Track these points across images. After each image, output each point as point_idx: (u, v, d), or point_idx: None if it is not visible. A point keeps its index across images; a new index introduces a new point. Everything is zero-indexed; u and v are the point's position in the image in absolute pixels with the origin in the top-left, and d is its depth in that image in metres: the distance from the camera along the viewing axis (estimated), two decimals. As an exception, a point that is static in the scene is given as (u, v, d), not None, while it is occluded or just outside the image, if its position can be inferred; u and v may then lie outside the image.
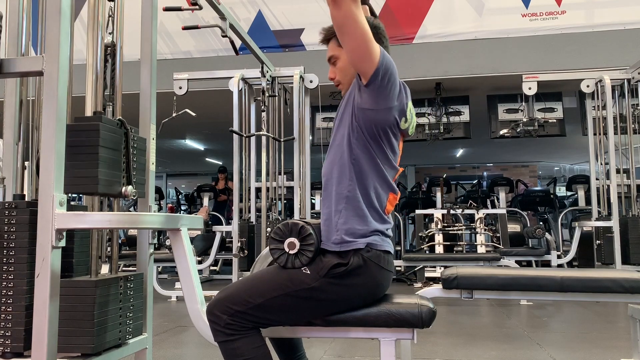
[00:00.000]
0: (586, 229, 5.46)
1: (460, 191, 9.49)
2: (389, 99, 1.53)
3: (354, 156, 1.56)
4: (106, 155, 1.53)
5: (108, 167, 1.54)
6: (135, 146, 1.71)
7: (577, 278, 1.73)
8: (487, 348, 3.08)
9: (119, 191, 1.60)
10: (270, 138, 4.81)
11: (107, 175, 1.54)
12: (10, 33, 1.74)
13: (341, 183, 1.56)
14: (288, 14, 6.18)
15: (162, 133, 4.15)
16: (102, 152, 1.51)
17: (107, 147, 1.54)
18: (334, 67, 1.67)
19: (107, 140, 1.54)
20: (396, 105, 1.55)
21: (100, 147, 1.50)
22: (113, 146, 1.57)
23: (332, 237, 1.53)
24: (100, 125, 1.50)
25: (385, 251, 1.54)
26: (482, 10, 5.85)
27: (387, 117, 1.54)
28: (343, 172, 1.57)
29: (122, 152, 1.61)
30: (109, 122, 1.57)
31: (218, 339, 1.49)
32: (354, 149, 1.56)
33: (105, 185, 1.52)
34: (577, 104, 6.40)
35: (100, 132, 1.50)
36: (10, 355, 1.47)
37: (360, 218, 1.53)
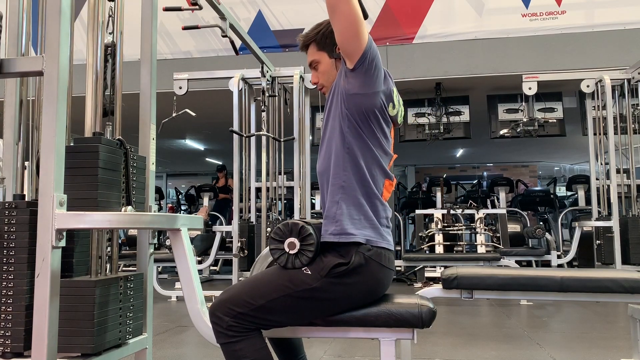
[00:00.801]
0: (586, 229, 5.46)
1: (460, 191, 9.49)
2: (376, 83, 1.55)
3: (347, 144, 1.57)
4: (105, 176, 1.55)
5: (107, 188, 1.56)
6: (135, 165, 1.73)
7: (577, 278, 1.73)
8: (487, 348, 3.08)
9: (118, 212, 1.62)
10: (270, 138, 4.81)
11: (107, 196, 1.56)
12: (10, 33, 1.74)
13: (336, 175, 1.57)
14: (288, 14, 6.18)
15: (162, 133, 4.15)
16: (102, 174, 1.53)
17: (107, 169, 1.56)
18: (316, 71, 1.69)
19: (107, 161, 1.56)
20: (383, 89, 1.58)
21: (99, 168, 1.52)
22: (112, 167, 1.59)
23: (330, 229, 1.53)
24: (99, 146, 1.51)
25: (385, 248, 1.55)
26: (482, 10, 5.85)
27: (375, 101, 1.56)
28: (337, 163, 1.58)
29: (121, 172, 1.63)
30: (109, 142, 1.59)
31: (220, 340, 1.49)
32: (347, 137, 1.57)
33: (104, 207, 1.54)
34: (577, 104, 6.40)
35: (100, 154, 1.52)
36: (10, 355, 1.47)
37: (358, 207, 1.54)
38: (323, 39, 1.64)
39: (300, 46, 1.71)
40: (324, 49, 1.65)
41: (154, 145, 1.88)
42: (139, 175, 1.75)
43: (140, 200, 1.76)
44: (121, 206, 1.63)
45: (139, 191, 1.76)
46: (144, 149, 1.85)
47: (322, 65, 1.67)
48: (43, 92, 1.41)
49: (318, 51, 1.66)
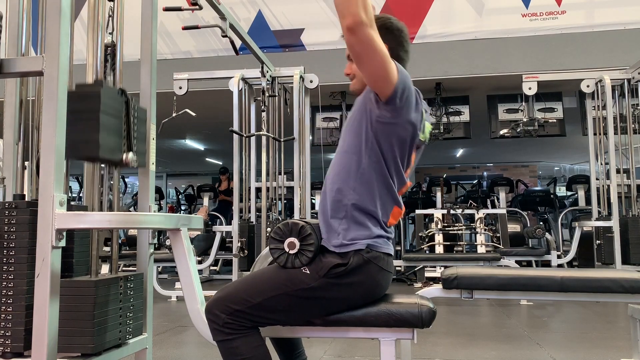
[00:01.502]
0: (586, 229, 5.46)
1: (460, 191, 9.49)
2: (408, 112, 1.52)
3: (362, 166, 1.53)
4: (107, 121, 1.50)
5: (109, 133, 1.51)
6: (136, 115, 1.67)
7: (577, 278, 1.73)
8: (487, 348, 3.08)
9: (120, 158, 1.57)
10: (270, 138, 4.81)
11: (108, 141, 1.50)
12: (10, 33, 1.74)
13: (344, 191, 1.54)
14: (288, 14, 6.18)
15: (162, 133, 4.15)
16: (103, 118, 1.48)
17: (108, 114, 1.51)
18: (352, 63, 1.64)
19: (108, 106, 1.51)
20: (414, 115, 1.55)
21: (101, 112, 1.47)
22: (114, 113, 1.54)
23: (332, 240, 1.52)
24: (101, 90, 1.47)
25: (385, 253, 1.54)
26: (482, 10, 5.85)
27: (405, 129, 1.53)
28: (347, 181, 1.54)
29: (122, 120, 1.58)
30: (110, 89, 1.54)
31: (217, 337, 1.49)
32: (364, 159, 1.53)
33: (106, 150, 1.48)
34: (577, 104, 6.40)
35: (102, 98, 1.47)
36: (10, 355, 1.47)
37: (362, 227, 1.52)
38: None
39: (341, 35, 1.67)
40: None
41: (154, 145, 1.88)
42: (140, 125, 1.70)
43: (141, 151, 1.71)
44: (123, 153, 1.59)
45: (140, 142, 1.71)
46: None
47: None
48: (43, 92, 1.41)
49: None
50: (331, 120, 6.74)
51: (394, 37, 1.62)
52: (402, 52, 1.64)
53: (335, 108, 6.71)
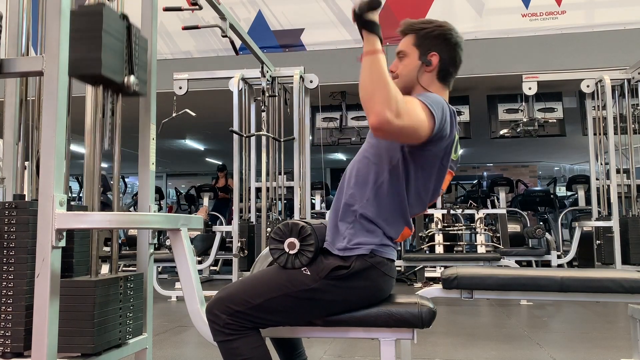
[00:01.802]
0: (586, 229, 5.46)
1: (460, 191, 9.49)
2: (444, 141, 1.49)
3: (381, 181, 1.51)
4: (109, 41, 1.48)
5: (111, 53, 1.49)
6: (138, 42, 1.65)
7: (577, 278, 1.73)
8: (487, 348, 3.08)
9: (121, 80, 1.55)
10: (270, 138, 4.81)
11: (111, 60, 1.49)
12: (10, 33, 1.74)
13: (357, 200, 1.53)
14: (288, 14, 6.18)
15: (162, 133, 4.15)
16: (105, 38, 1.46)
17: (110, 34, 1.49)
18: (399, 62, 1.60)
19: (110, 26, 1.49)
20: (447, 142, 1.50)
21: (103, 31, 1.45)
22: (116, 35, 1.52)
23: (337, 243, 1.51)
24: (103, 9, 1.46)
25: (388, 258, 1.53)
26: (482, 10, 5.86)
27: (437, 155, 1.50)
28: (363, 189, 1.52)
29: (124, 44, 1.57)
30: (112, 11, 1.53)
31: (217, 338, 1.49)
32: (384, 175, 1.51)
33: (108, 69, 1.47)
34: (577, 104, 6.40)
35: (104, 17, 1.45)
36: (10, 355, 1.47)
37: (370, 234, 1.50)
38: (424, 38, 1.57)
39: (400, 29, 1.62)
40: (419, 46, 1.57)
41: (154, 145, 1.88)
42: (141, 53, 1.68)
43: (142, 78, 1.69)
44: (124, 76, 1.57)
45: (141, 69, 1.69)
46: (144, 149, 1.85)
47: (408, 60, 1.58)
48: (43, 92, 1.41)
49: (412, 45, 1.58)
50: (331, 120, 6.73)
51: (448, 50, 1.58)
52: (451, 66, 1.59)
53: (335, 108, 6.71)
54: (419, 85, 1.57)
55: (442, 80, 1.60)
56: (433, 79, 1.59)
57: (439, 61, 1.57)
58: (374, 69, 1.32)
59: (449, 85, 1.63)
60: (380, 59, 1.34)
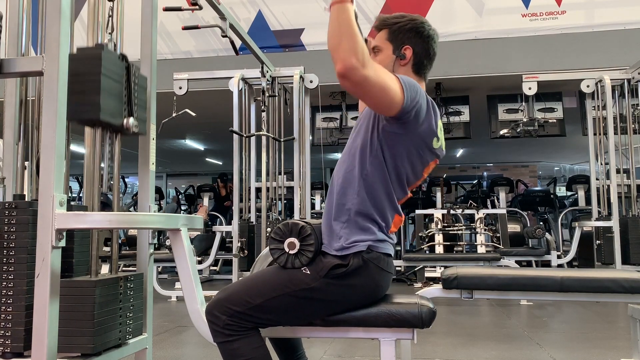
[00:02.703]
0: (586, 229, 5.46)
1: (460, 191, 9.49)
2: (417, 124, 1.49)
3: (365, 172, 1.53)
4: (108, 84, 1.49)
5: (110, 96, 1.50)
6: (137, 82, 1.66)
7: (577, 278, 1.73)
8: (487, 348, 3.08)
9: (120, 122, 1.56)
10: (270, 138, 4.81)
11: (109, 104, 1.49)
12: (10, 33, 1.74)
13: (346, 195, 1.54)
14: (288, 14, 6.18)
15: (162, 133, 4.15)
16: (104, 81, 1.47)
17: (109, 77, 1.50)
18: (375, 57, 1.61)
19: (109, 69, 1.50)
20: (424, 127, 1.51)
21: (102, 75, 1.46)
22: (115, 77, 1.53)
23: (333, 244, 1.52)
24: (102, 53, 1.47)
25: (385, 254, 1.54)
26: (482, 10, 5.85)
27: (414, 141, 1.52)
28: (350, 184, 1.54)
29: (123, 85, 1.58)
30: (111, 53, 1.54)
31: (217, 339, 1.49)
32: (367, 165, 1.53)
33: (107, 113, 1.47)
34: (577, 104, 6.40)
35: (103, 61, 1.46)
36: (10, 355, 1.47)
37: (364, 231, 1.51)
38: (397, 32, 1.59)
39: (374, 25, 1.64)
40: (392, 41, 1.60)
41: (154, 145, 1.88)
42: (140, 92, 1.69)
43: (142, 118, 1.69)
44: (123, 117, 1.57)
45: (141, 109, 1.69)
46: (144, 149, 1.85)
47: (383, 55, 1.61)
48: (43, 92, 1.41)
49: (386, 40, 1.61)
50: (331, 120, 6.73)
51: (421, 43, 1.60)
52: (425, 59, 1.62)
53: (335, 108, 6.71)
54: None
55: (417, 72, 1.63)
56: (408, 72, 1.61)
57: (413, 54, 1.60)
58: (342, 18, 1.33)
59: (425, 78, 1.67)
60: (348, 9, 1.35)
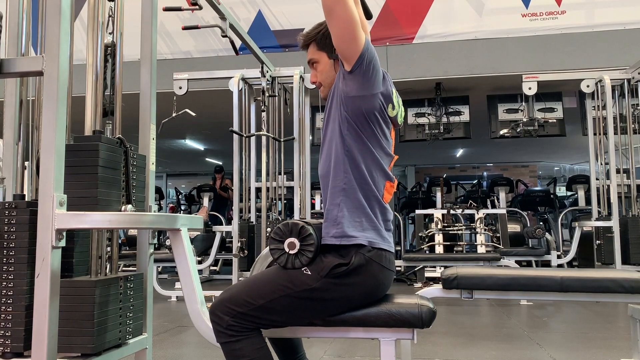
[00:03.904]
0: (586, 229, 5.46)
1: (460, 191, 9.49)
2: (374, 84, 1.55)
3: (346, 147, 1.57)
4: (105, 174, 1.55)
5: (107, 186, 1.56)
6: (135, 164, 1.72)
7: (577, 278, 1.73)
8: (487, 348, 3.08)
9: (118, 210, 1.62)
10: (270, 138, 4.81)
11: (107, 195, 1.55)
12: (10, 33, 1.74)
13: (337, 177, 1.57)
14: (288, 14, 6.18)
15: (162, 133, 4.15)
16: (102, 172, 1.53)
17: (107, 167, 1.56)
18: (315, 70, 1.69)
19: (107, 159, 1.56)
20: (382, 90, 1.58)
21: (99, 167, 1.51)
22: (112, 165, 1.59)
23: (332, 231, 1.53)
24: (100, 145, 1.51)
25: (386, 250, 1.55)
26: (482, 10, 5.85)
27: (374, 103, 1.56)
28: (337, 166, 1.58)
29: (121, 171, 1.63)
30: (109, 141, 1.59)
31: (220, 340, 1.49)
32: (346, 140, 1.57)
33: (104, 205, 1.53)
34: (577, 104, 6.40)
35: (100, 152, 1.52)
36: (10, 355, 1.47)
37: (359, 209, 1.54)
38: (323, 39, 1.65)
39: (300, 45, 1.71)
40: (323, 49, 1.66)
41: (154, 145, 1.88)
42: (138, 173, 1.75)
43: (140, 199, 1.76)
44: (121, 205, 1.63)
45: (139, 190, 1.76)
46: (144, 149, 1.85)
47: (321, 65, 1.67)
48: (43, 92, 1.41)
49: (318, 51, 1.67)
50: (331, 120, 6.73)
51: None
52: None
53: (335, 108, 6.70)
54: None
55: None
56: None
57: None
58: None
59: None
60: None
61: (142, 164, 1.79)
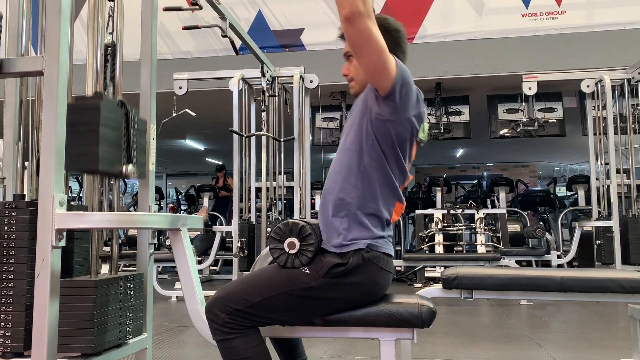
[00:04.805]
0: (586, 229, 5.46)
1: (460, 191, 9.49)
2: (408, 109, 1.52)
3: (363, 164, 1.53)
4: (107, 134, 1.50)
5: (109, 145, 1.51)
6: (136, 127, 1.67)
7: (577, 278, 1.73)
8: (487, 348, 3.08)
9: (119, 170, 1.57)
10: (270, 138, 4.81)
11: (108, 153, 1.51)
12: (10, 33, 1.74)
13: (344, 189, 1.54)
14: (288, 14, 6.18)
15: (162, 133, 4.15)
16: (103, 131, 1.48)
17: (108, 126, 1.51)
18: (349, 63, 1.63)
19: (108, 118, 1.51)
20: (415, 113, 1.54)
21: (101, 125, 1.47)
22: (114, 125, 1.54)
23: (332, 240, 1.52)
24: (101, 103, 1.48)
25: (385, 253, 1.54)
26: (482, 10, 5.85)
27: (405, 127, 1.53)
28: (349, 179, 1.54)
29: (122, 132, 1.59)
30: (110, 101, 1.55)
31: (216, 337, 1.49)
32: (365, 157, 1.53)
33: (105, 163, 1.49)
34: (577, 104, 6.40)
35: (101, 111, 1.47)
36: (10, 355, 1.47)
37: (362, 226, 1.51)
38: None
39: (339, 34, 1.63)
40: None
41: (154, 145, 1.88)
42: (139, 137, 1.70)
43: (141, 162, 1.71)
44: (122, 165, 1.59)
45: (140, 154, 1.71)
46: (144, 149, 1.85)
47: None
48: (43, 92, 1.41)
49: None
50: (331, 120, 6.74)
51: (391, 38, 1.60)
52: (399, 52, 1.62)
53: (335, 108, 6.71)
54: None
55: None
56: None
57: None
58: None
59: None
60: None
61: (143, 127, 1.74)
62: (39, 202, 1.34)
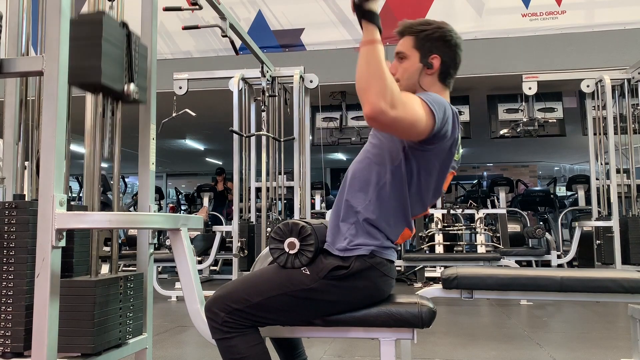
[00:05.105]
0: (586, 229, 5.46)
1: (460, 191, 9.49)
2: (446, 140, 1.48)
3: (383, 182, 1.51)
4: (109, 49, 1.49)
5: (111, 61, 1.50)
6: (137, 50, 1.66)
7: (577, 278, 1.73)
8: (487, 348, 3.07)
9: (121, 88, 1.56)
10: (270, 138, 4.81)
11: (110, 69, 1.49)
12: (10, 33, 1.74)
13: (357, 197, 1.52)
14: (288, 14, 6.18)
15: (162, 133, 4.15)
16: (105, 46, 1.47)
17: (110, 42, 1.50)
18: (399, 64, 1.57)
19: (110, 34, 1.50)
20: (450, 143, 1.50)
21: (103, 39, 1.46)
22: (116, 42, 1.53)
23: (337, 244, 1.51)
24: (103, 18, 1.47)
25: (388, 260, 1.53)
26: (482, 10, 5.85)
27: (439, 156, 1.50)
28: (363, 189, 1.52)
29: (124, 52, 1.58)
30: (112, 19, 1.54)
31: (215, 336, 1.49)
32: (387, 176, 1.50)
33: (108, 77, 1.48)
34: (577, 104, 6.40)
35: (104, 26, 1.46)
36: (10, 355, 1.47)
37: (369, 235, 1.50)
38: (424, 40, 1.54)
39: (397, 30, 1.59)
40: (419, 49, 1.55)
41: (154, 145, 1.88)
42: (141, 60, 1.68)
43: (142, 86, 1.69)
44: (124, 84, 1.57)
45: (141, 77, 1.69)
46: (144, 149, 1.85)
47: (408, 62, 1.56)
48: (43, 92, 1.41)
49: (412, 47, 1.55)
50: (331, 120, 6.74)
51: (449, 52, 1.56)
52: (452, 69, 1.58)
53: (335, 108, 6.71)
54: (420, 87, 1.56)
55: (443, 81, 1.59)
56: (434, 81, 1.57)
57: (441, 63, 1.55)
58: (372, 60, 1.31)
59: (450, 86, 1.62)
60: (378, 49, 1.33)
61: (144, 52, 1.73)
62: (39, 202, 1.34)
